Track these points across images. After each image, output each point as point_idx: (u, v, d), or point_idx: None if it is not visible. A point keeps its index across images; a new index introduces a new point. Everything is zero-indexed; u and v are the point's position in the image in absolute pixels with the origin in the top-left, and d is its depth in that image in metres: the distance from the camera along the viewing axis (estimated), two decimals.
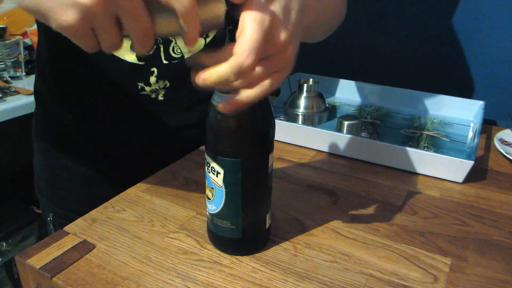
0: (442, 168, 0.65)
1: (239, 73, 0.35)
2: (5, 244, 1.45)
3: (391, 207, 0.59)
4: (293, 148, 0.76)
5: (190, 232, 0.53)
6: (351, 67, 1.08)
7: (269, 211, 0.49)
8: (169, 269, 0.47)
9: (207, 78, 0.36)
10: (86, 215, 0.56)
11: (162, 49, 0.64)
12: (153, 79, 0.65)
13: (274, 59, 0.37)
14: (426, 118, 0.89)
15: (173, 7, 0.32)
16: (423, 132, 0.82)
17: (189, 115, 0.71)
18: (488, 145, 0.79)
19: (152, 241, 0.51)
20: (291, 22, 0.39)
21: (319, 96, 0.87)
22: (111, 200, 0.59)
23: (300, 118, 0.86)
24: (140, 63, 0.64)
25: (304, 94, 0.86)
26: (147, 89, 0.66)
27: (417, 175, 0.67)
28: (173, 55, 0.65)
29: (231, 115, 0.42)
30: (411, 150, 0.67)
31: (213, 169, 0.45)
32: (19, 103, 1.27)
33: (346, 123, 0.77)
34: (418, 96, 0.92)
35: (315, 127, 0.80)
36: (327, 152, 0.74)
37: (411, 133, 0.82)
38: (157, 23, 0.35)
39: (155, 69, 0.65)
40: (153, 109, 0.68)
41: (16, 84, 1.44)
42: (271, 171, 0.47)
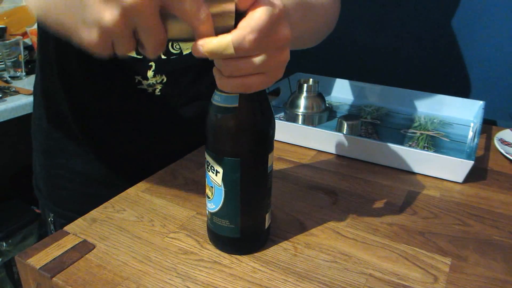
0: (442, 168, 0.65)
1: (239, 47, 0.35)
2: (5, 244, 1.45)
3: (391, 207, 0.59)
4: (293, 148, 0.76)
5: (190, 232, 0.53)
6: (351, 67, 1.08)
7: (269, 211, 0.49)
8: (169, 269, 0.47)
9: (205, 43, 0.35)
10: (86, 215, 0.56)
11: None
12: (150, 73, 0.65)
13: (271, 55, 0.37)
14: (426, 118, 0.89)
15: (190, 22, 0.34)
16: (423, 132, 0.82)
17: (185, 110, 0.71)
18: (488, 145, 0.79)
19: (152, 241, 0.51)
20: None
21: (319, 96, 0.87)
22: (111, 200, 0.59)
23: (300, 118, 0.86)
24: (139, 56, 0.64)
25: (304, 94, 0.86)
26: (144, 83, 0.66)
27: (417, 175, 0.67)
28: (172, 51, 0.66)
29: (230, 115, 0.42)
30: (411, 150, 0.67)
31: (212, 168, 0.45)
32: (19, 103, 1.27)
33: (346, 123, 0.77)
34: (418, 96, 0.92)
35: (315, 127, 0.80)
36: (327, 152, 0.74)
37: (411, 133, 0.82)
38: (170, 31, 0.36)
39: (153, 64, 0.65)
40: (150, 104, 0.68)
41: (16, 84, 1.44)
42: (270, 171, 0.47)
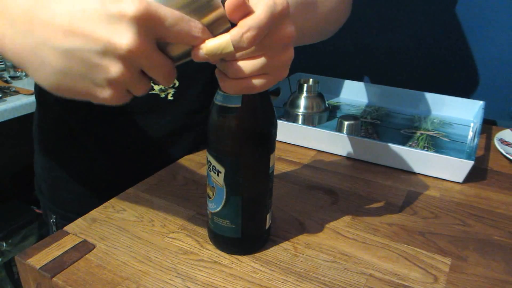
0: (442, 168, 0.65)
1: (238, 45, 0.34)
2: (5, 244, 1.45)
3: (391, 207, 0.59)
4: (293, 148, 0.76)
5: (190, 232, 0.53)
6: (351, 67, 1.08)
7: (270, 212, 0.49)
8: (169, 269, 0.47)
9: (204, 45, 0.35)
10: (86, 215, 0.56)
11: None
12: None
13: (274, 55, 0.37)
14: (426, 118, 0.89)
15: (188, 43, 0.35)
16: (423, 132, 0.82)
17: (197, 116, 0.71)
18: (488, 145, 0.79)
19: (152, 241, 0.51)
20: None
21: (319, 96, 0.87)
22: (111, 200, 0.59)
23: (300, 118, 0.86)
24: (156, 87, 0.64)
25: (304, 94, 0.86)
26: (156, 87, 0.65)
27: (417, 175, 0.67)
28: None
29: (232, 115, 0.42)
30: (411, 150, 0.67)
31: (214, 168, 0.45)
32: (19, 103, 1.27)
33: (346, 123, 0.77)
34: (418, 96, 0.92)
35: (315, 127, 0.80)
36: (327, 152, 0.74)
37: (411, 133, 0.82)
38: (174, 56, 0.36)
39: None
40: (162, 108, 0.68)
41: (16, 84, 1.44)
42: (272, 171, 0.47)
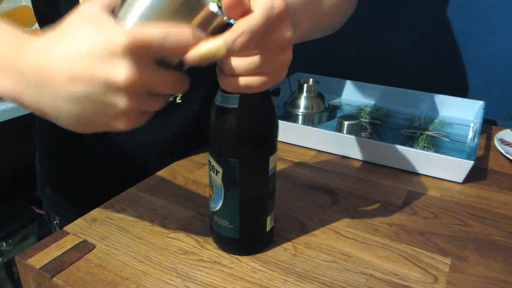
0: (442, 168, 0.65)
1: (230, 49, 0.34)
2: (5, 244, 1.45)
3: (391, 207, 0.59)
4: (293, 148, 0.76)
5: (190, 232, 0.53)
6: (351, 67, 1.08)
7: (271, 214, 0.49)
8: (169, 269, 0.47)
9: (195, 50, 0.35)
10: (86, 215, 0.56)
11: None
12: None
13: (271, 56, 0.36)
14: (426, 118, 0.89)
15: (183, 52, 0.35)
16: (423, 132, 0.82)
17: (203, 118, 0.71)
18: (488, 145, 0.79)
19: (152, 241, 0.51)
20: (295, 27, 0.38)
21: (319, 96, 0.87)
22: (111, 200, 0.59)
23: (300, 118, 0.86)
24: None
25: (304, 94, 0.86)
26: None
27: (417, 175, 0.67)
28: None
29: (229, 115, 0.42)
30: (411, 150, 0.67)
31: (213, 167, 0.45)
32: None
33: (346, 123, 0.77)
34: (418, 96, 0.92)
35: (315, 127, 0.80)
36: (327, 152, 0.74)
37: (411, 133, 0.82)
38: (179, 65, 0.38)
39: None
40: (170, 111, 0.67)
41: None
42: (272, 173, 0.46)
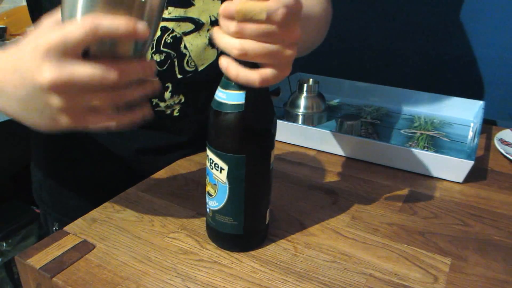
0: (442, 168, 0.65)
1: (270, 16, 0.37)
2: (5, 244, 1.45)
3: (391, 207, 0.59)
4: (293, 148, 0.76)
5: (190, 232, 0.53)
6: (351, 67, 1.08)
7: (269, 208, 0.50)
8: (169, 269, 0.47)
9: (241, 3, 0.37)
10: (86, 215, 0.56)
11: (176, 63, 0.63)
12: (167, 94, 0.64)
13: (283, 48, 0.39)
14: (426, 118, 0.89)
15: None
16: (423, 132, 0.82)
17: (201, 126, 0.71)
18: (488, 145, 0.79)
19: (152, 241, 0.51)
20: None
21: (319, 96, 0.87)
22: (111, 200, 0.59)
23: (300, 118, 0.86)
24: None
25: (304, 94, 0.86)
26: (162, 105, 0.64)
27: (417, 175, 0.67)
28: (187, 68, 0.64)
29: (237, 112, 0.42)
30: (411, 150, 0.67)
31: (216, 165, 0.45)
32: None
33: (346, 123, 0.77)
34: (418, 96, 0.92)
35: (315, 127, 0.80)
36: (327, 152, 0.74)
37: (411, 133, 0.82)
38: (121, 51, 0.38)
39: (169, 84, 0.63)
40: (168, 125, 0.67)
41: None
42: (272, 167, 0.48)
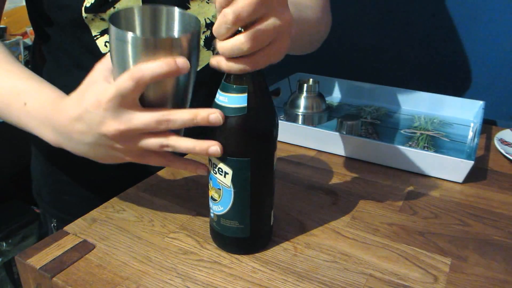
0: (442, 168, 0.65)
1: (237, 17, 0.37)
2: (5, 244, 1.45)
3: (391, 207, 0.59)
4: (293, 148, 0.76)
5: (190, 232, 0.53)
6: (351, 67, 1.08)
7: (273, 208, 0.50)
8: (169, 269, 0.47)
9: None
10: (86, 215, 0.56)
11: None
12: None
13: (274, 42, 0.40)
14: (426, 118, 0.89)
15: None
16: (423, 132, 0.82)
17: (196, 129, 0.71)
18: (488, 145, 0.79)
19: (152, 241, 0.51)
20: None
21: (319, 96, 0.87)
22: (111, 200, 0.59)
23: (300, 118, 0.86)
24: None
25: (304, 94, 0.86)
26: None
27: (417, 175, 0.67)
28: None
29: (240, 116, 0.43)
30: (411, 150, 0.67)
31: (220, 170, 0.45)
32: None
33: (346, 123, 0.77)
34: (418, 96, 0.92)
35: (315, 127, 0.80)
36: (327, 152, 0.74)
37: (411, 133, 0.82)
38: (167, 98, 0.43)
39: None
40: None
41: None
42: (275, 168, 0.48)
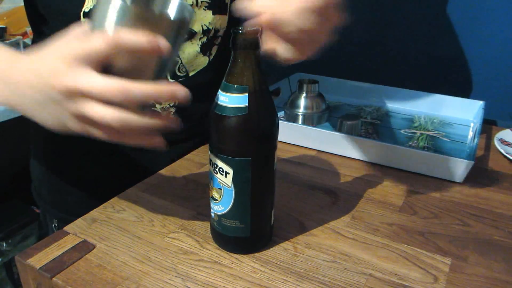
0: (442, 168, 0.65)
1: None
2: (5, 244, 1.45)
3: (391, 207, 0.59)
4: (293, 148, 0.76)
5: (190, 232, 0.53)
6: (351, 67, 1.08)
7: (273, 208, 0.50)
8: (169, 269, 0.47)
9: None
10: (86, 215, 0.56)
11: None
12: None
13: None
14: (426, 118, 0.89)
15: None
16: (423, 132, 0.82)
17: (198, 126, 0.71)
18: (488, 145, 0.79)
19: (152, 241, 0.51)
20: None
21: (319, 96, 0.87)
22: (111, 200, 0.59)
23: (300, 118, 0.86)
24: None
25: (304, 94, 0.86)
26: (157, 106, 0.66)
27: (417, 175, 0.67)
28: (179, 74, 0.67)
29: (241, 115, 0.42)
30: (411, 150, 0.67)
31: (221, 169, 0.45)
32: None
33: (346, 123, 0.77)
34: (418, 96, 0.92)
35: (315, 127, 0.80)
36: (327, 152, 0.74)
37: (411, 133, 0.82)
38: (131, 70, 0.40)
39: None
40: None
41: None
42: (275, 168, 0.48)
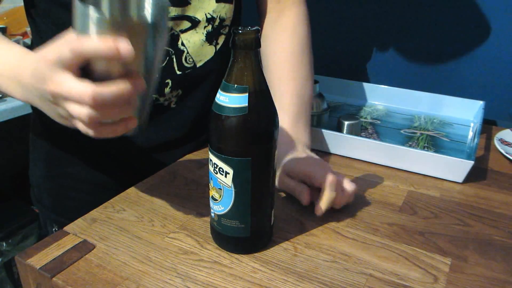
0: (442, 168, 0.65)
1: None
2: (5, 244, 1.45)
3: (391, 207, 0.59)
4: None
5: (190, 232, 0.53)
6: (351, 67, 1.08)
7: (274, 207, 0.50)
8: (169, 269, 0.47)
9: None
10: (86, 215, 0.56)
11: (175, 60, 0.64)
12: (167, 90, 0.65)
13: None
14: (426, 118, 0.89)
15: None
16: (423, 132, 0.82)
17: (200, 122, 0.71)
18: (488, 145, 0.79)
19: (152, 241, 0.51)
20: None
21: (319, 96, 0.87)
22: (111, 200, 0.59)
23: None
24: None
25: None
26: (161, 99, 0.66)
27: (417, 175, 0.67)
28: (186, 64, 0.66)
29: (241, 115, 0.42)
30: (411, 150, 0.67)
31: (221, 169, 0.45)
32: (19, 103, 1.26)
33: (346, 123, 0.77)
34: (418, 96, 0.92)
35: (315, 127, 0.80)
36: (327, 152, 0.74)
37: (411, 133, 0.82)
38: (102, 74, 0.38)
39: (169, 81, 0.65)
40: (166, 116, 0.68)
41: None
42: (275, 168, 0.48)
